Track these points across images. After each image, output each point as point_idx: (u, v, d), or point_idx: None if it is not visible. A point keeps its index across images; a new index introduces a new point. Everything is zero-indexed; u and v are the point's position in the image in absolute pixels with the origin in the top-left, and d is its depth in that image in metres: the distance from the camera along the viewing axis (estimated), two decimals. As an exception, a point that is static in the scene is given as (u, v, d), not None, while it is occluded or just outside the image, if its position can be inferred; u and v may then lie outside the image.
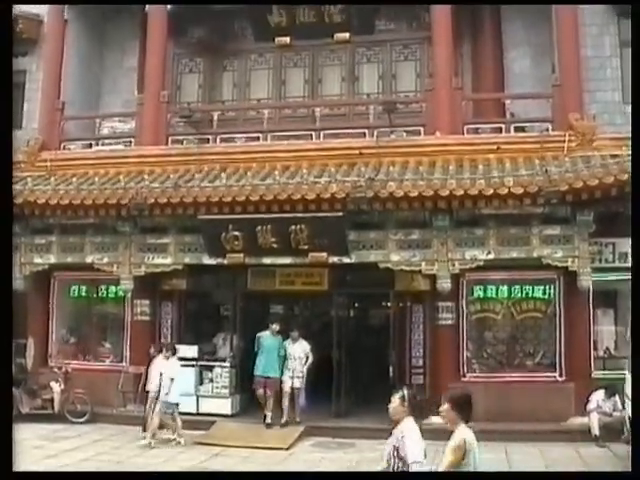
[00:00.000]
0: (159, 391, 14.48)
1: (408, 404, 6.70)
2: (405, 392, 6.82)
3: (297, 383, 15.65)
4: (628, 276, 11.37)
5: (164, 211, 15.55)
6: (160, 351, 15.14)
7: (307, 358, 15.82)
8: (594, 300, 15.61)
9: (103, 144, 18.34)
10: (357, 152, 16.23)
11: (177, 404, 14.70)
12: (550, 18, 16.85)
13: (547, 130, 15.98)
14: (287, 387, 15.62)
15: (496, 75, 17.82)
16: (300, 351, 15.79)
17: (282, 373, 15.70)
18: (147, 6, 18.19)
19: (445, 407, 6.36)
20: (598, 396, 14.29)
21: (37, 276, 17.23)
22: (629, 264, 13.45)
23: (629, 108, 15.85)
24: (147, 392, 14.93)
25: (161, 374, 14.48)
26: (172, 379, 14.45)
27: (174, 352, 15.14)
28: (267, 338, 15.94)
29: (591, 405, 14.28)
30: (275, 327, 15.99)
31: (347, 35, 18.65)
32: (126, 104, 19.29)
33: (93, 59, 19.88)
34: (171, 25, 18.42)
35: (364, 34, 18.93)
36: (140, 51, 19.33)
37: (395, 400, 6.76)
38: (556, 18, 16.57)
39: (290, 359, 15.77)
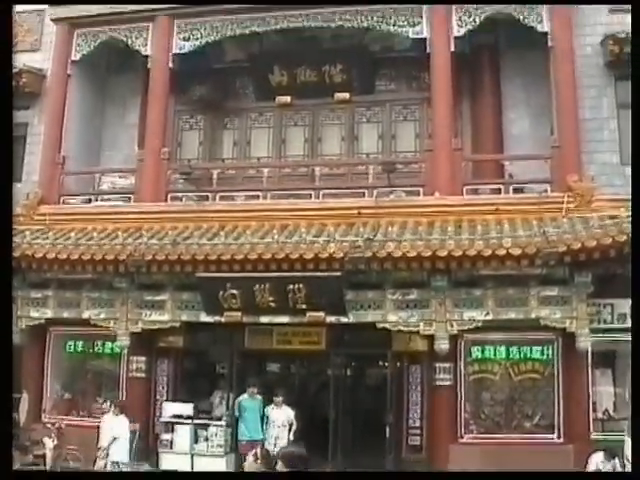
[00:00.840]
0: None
1: (262, 461, 6.68)
2: (258, 450, 6.86)
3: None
4: (627, 337, 11.46)
5: (162, 268, 15.60)
6: (112, 405, 15.32)
7: (291, 425, 15.68)
8: (593, 361, 15.62)
9: (102, 199, 18.47)
10: (356, 212, 16.35)
11: (119, 463, 14.75)
12: (549, 80, 17.12)
13: (546, 191, 16.14)
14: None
15: (495, 136, 18.05)
16: (284, 418, 15.67)
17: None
18: (150, 62, 18.52)
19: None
20: (597, 458, 14.17)
21: (33, 330, 17.22)
22: (628, 325, 13.55)
23: (628, 170, 16.15)
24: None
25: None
26: (115, 438, 14.52)
27: (122, 410, 15.25)
28: (246, 401, 16.01)
29: (590, 467, 14.18)
30: (253, 390, 16.06)
31: (347, 95, 18.98)
32: (126, 160, 19.50)
33: (95, 114, 20.14)
34: (173, 82, 18.71)
35: (364, 94, 19.29)
36: (141, 107, 19.59)
37: (249, 458, 6.78)
38: (555, 80, 16.83)
39: (271, 426, 15.66)
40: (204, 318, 16.04)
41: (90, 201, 18.63)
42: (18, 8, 19.00)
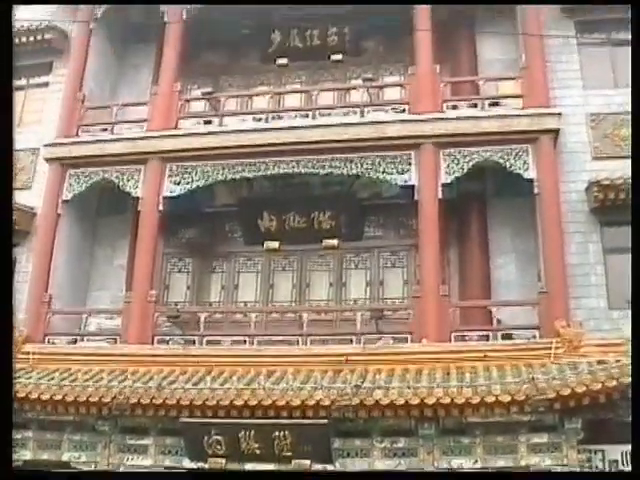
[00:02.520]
0: None
1: None
2: None
3: None
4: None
5: (146, 412, 15.59)
6: None
7: None
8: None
9: (88, 340, 18.63)
10: (343, 359, 16.43)
11: None
12: (536, 226, 17.69)
13: (534, 337, 16.34)
14: None
15: (483, 282, 18.38)
16: None
17: None
18: (140, 204, 19.01)
19: None
20: None
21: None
22: (620, 470, 13.58)
23: (616, 314, 16.77)
24: None
25: None
26: None
27: None
28: None
29: None
30: None
31: (335, 241, 19.46)
32: (114, 301, 19.76)
33: (83, 254, 20.54)
34: (162, 225, 19.19)
35: (352, 240, 19.81)
36: (130, 249, 20.00)
37: None
38: (541, 226, 17.35)
39: None
40: (187, 464, 15.86)
41: (76, 341, 18.76)
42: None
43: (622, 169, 17.58)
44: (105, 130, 20.33)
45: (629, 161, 16.75)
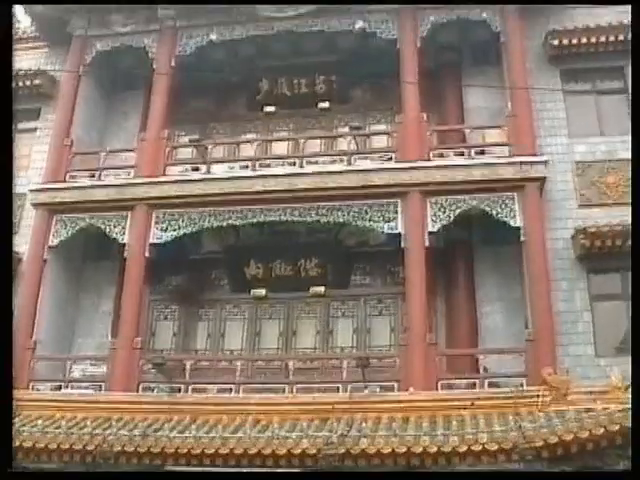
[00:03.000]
0: None
1: None
2: None
3: None
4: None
5: (130, 460, 15.45)
6: None
7: None
8: None
9: (73, 387, 18.50)
10: (330, 407, 16.41)
11: None
12: (522, 273, 17.79)
13: (521, 385, 16.26)
14: None
15: (470, 330, 18.43)
16: None
17: None
18: (126, 250, 19.07)
19: None
20: None
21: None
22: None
23: (603, 361, 16.92)
24: None
25: None
26: None
27: None
28: None
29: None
30: None
31: (322, 289, 19.57)
32: (99, 347, 19.74)
33: (69, 300, 20.53)
34: (149, 271, 19.19)
35: (339, 288, 19.94)
36: (116, 295, 19.99)
37: None
38: (528, 273, 17.44)
39: None
40: (172, 514, 15.82)
41: (60, 388, 18.62)
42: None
43: (608, 216, 17.89)
44: (92, 176, 20.40)
45: (615, 208, 17.09)
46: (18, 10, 22.92)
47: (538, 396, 15.61)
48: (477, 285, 18.93)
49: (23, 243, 20.26)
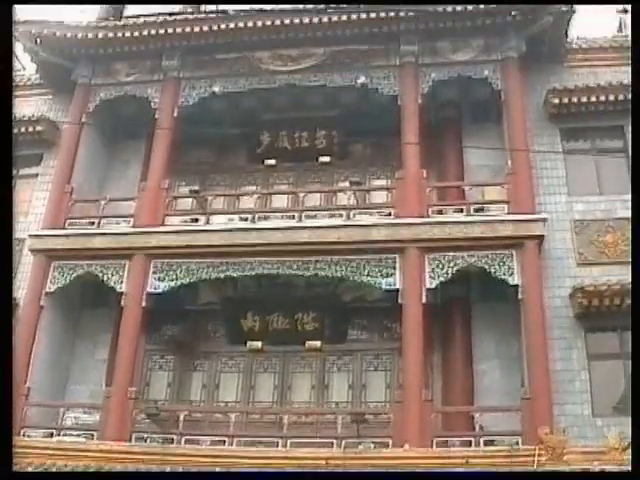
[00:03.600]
0: None
1: None
2: None
3: None
4: None
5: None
6: None
7: None
8: None
9: (65, 434, 18.37)
10: (323, 462, 16.34)
11: None
12: (520, 331, 17.83)
13: (517, 443, 16.24)
14: None
15: (466, 387, 18.37)
16: None
17: None
18: (123, 299, 19.08)
19: None
20: None
21: None
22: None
23: (599, 421, 16.86)
24: None
25: None
26: None
27: None
28: None
29: None
30: None
31: (318, 343, 19.73)
32: (92, 395, 19.72)
33: (64, 346, 20.52)
34: (145, 321, 19.23)
35: (336, 343, 20.01)
36: (112, 344, 19.99)
37: None
38: (525, 331, 17.47)
39: None
40: None
41: (52, 435, 18.49)
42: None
43: (606, 275, 18.02)
44: (92, 224, 20.52)
45: (613, 267, 17.21)
46: (23, 57, 23.28)
47: (534, 455, 15.57)
48: (474, 342, 18.95)
49: (20, 288, 20.26)
